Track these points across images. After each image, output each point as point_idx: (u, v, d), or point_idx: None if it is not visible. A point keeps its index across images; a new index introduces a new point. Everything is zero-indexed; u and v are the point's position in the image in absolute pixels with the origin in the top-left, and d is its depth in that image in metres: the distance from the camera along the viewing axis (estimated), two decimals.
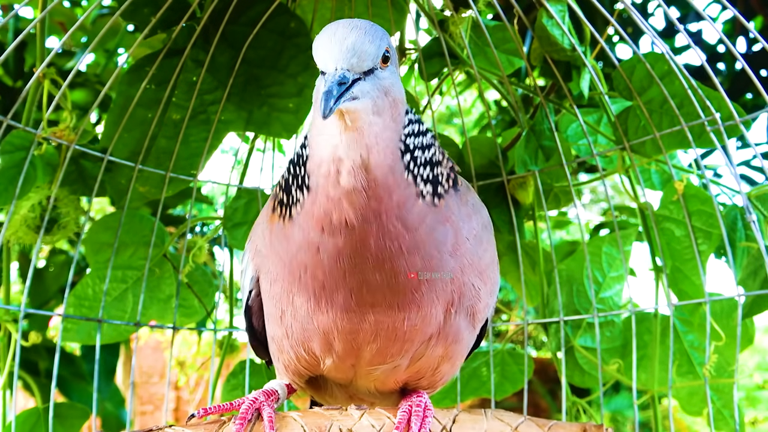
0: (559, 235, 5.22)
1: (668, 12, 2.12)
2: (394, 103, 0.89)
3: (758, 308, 1.44)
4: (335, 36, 0.84)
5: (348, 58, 0.82)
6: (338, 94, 0.79)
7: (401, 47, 1.83)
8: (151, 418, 6.77)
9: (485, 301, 1.03)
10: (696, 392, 1.58)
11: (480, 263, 1.00)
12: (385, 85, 0.87)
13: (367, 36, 0.84)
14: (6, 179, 1.38)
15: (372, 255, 0.88)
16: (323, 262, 0.89)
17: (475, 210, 1.02)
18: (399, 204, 0.87)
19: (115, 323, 1.56)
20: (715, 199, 1.40)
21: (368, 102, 0.84)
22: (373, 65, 0.85)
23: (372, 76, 0.85)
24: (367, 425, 0.97)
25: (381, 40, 0.85)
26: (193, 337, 5.42)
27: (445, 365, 1.05)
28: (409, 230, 0.88)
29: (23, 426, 1.49)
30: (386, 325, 0.95)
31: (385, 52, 0.86)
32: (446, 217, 0.93)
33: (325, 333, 0.97)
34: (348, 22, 0.86)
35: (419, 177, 0.90)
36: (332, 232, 0.87)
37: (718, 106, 1.35)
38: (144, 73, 1.52)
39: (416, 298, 0.93)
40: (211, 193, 6.29)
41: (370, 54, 0.84)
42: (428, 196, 0.90)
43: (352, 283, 0.90)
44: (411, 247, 0.89)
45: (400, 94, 0.91)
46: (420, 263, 0.90)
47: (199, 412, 0.97)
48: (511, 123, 3.14)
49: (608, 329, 1.63)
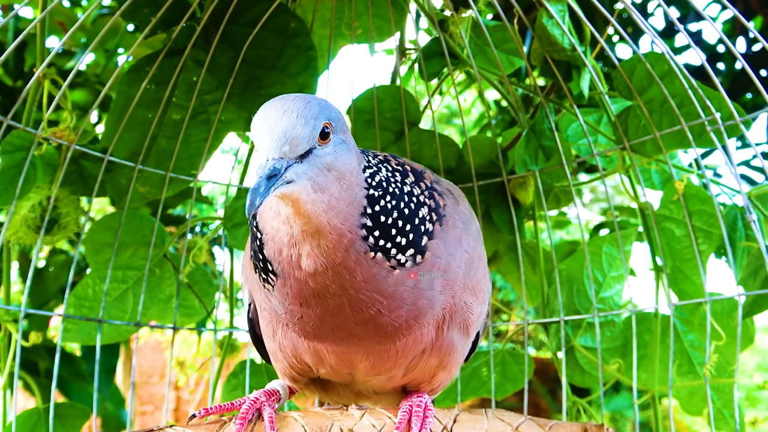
0: (558, 235, 5.22)
1: (668, 12, 2.12)
2: (341, 176, 0.85)
3: (758, 308, 1.44)
4: (267, 122, 0.81)
5: (279, 146, 0.80)
6: (266, 188, 0.77)
7: (401, 47, 1.83)
8: (151, 418, 6.77)
9: (478, 311, 1.03)
10: (696, 392, 1.58)
11: (473, 280, 1.00)
12: (326, 162, 0.84)
13: (299, 119, 0.81)
14: (6, 179, 1.38)
15: (353, 318, 0.89)
16: (307, 323, 0.92)
17: (465, 227, 1.00)
18: (366, 280, 0.86)
19: (115, 323, 1.56)
20: (716, 198, 1.40)
21: (305, 182, 0.82)
22: (308, 147, 0.82)
23: (310, 156, 0.82)
24: (368, 425, 0.97)
25: (316, 119, 0.82)
26: (193, 337, 5.42)
27: (441, 373, 1.06)
28: (386, 297, 0.88)
29: (24, 426, 1.49)
30: (378, 349, 0.96)
31: (324, 128, 0.83)
32: (432, 265, 0.92)
33: (316, 352, 0.99)
34: (282, 102, 0.83)
35: (393, 249, 0.87)
36: (309, 304, 0.89)
37: (718, 106, 1.35)
38: (144, 73, 1.52)
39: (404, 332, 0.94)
40: (211, 194, 6.29)
41: (303, 138, 0.81)
42: (408, 262, 0.89)
43: (339, 335, 0.93)
44: (391, 308, 0.89)
45: (348, 165, 0.87)
46: (405, 314, 0.91)
47: (200, 412, 0.97)
48: (511, 123, 3.13)
49: (609, 329, 1.63)
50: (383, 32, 1.77)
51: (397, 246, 0.88)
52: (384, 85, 1.71)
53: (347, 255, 0.85)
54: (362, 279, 0.86)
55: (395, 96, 1.68)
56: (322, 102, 0.86)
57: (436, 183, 1.02)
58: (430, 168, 1.67)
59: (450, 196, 1.01)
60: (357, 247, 0.85)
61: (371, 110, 1.68)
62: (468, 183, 1.66)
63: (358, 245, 0.85)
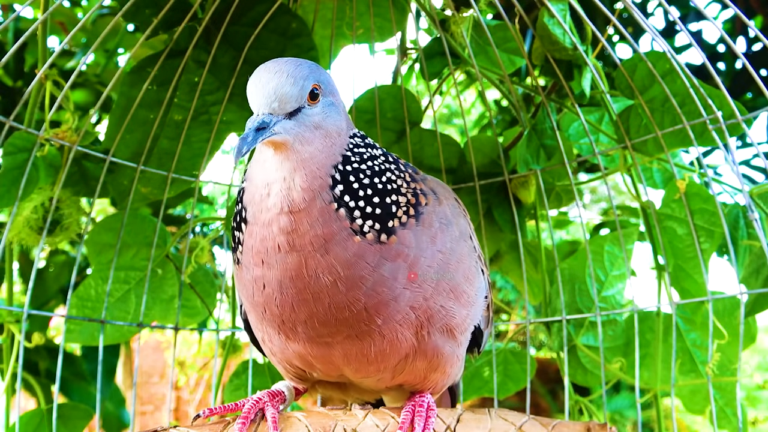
0: (559, 235, 5.22)
1: (669, 11, 2.12)
2: (326, 134, 0.91)
3: (760, 306, 1.44)
4: (260, 81, 0.88)
5: (269, 103, 0.87)
6: (254, 138, 0.83)
7: (402, 47, 1.83)
8: (151, 417, 6.77)
9: (462, 314, 1.00)
10: (698, 391, 1.58)
11: (450, 282, 0.97)
12: (314, 120, 0.90)
13: (289, 79, 0.88)
14: (8, 181, 1.38)
15: (309, 287, 0.88)
16: (271, 296, 0.91)
17: (442, 227, 0.97)
18: (326, 237, 0.87)
19: (118, 324, 1.56)
20: (717, 197, 1.40)
21: (291, 136, 0.88)
22: (297, 105, 0.88)
23: (299, 114, 0.89)
24: (371, 425, 0.98)
25: (305, 80, 0.88)
26: (193, 337, 5.42)
27: (433, 374, 1.04)
28: (343, 265, 0.87)
29: (27, 427, 1.49)
30: (354, 352, 0.95)
31: (313, 89, 0.90)
32: (398, 253, 0.90)
33: (301, 357, 0.99)
34: (274, 64, 0.90)
35: (357, 211, 0.88)
36: (269, 265, 0.89)
37: (719, 105, 1.35)
38: (146, 74, 1.52)
39: (373, 329, 0.92)
40: (212, 194, 6.29)
41: (291, 97, 0.88)
42: (371, 233, 0.88)
43: (302, 316, 0.91)
44: (349, 284, 0.88)
45: (335, 125, 0.93)
46: (364, 299, 0.89)
47: (204, 413, 0.97)
48: (511, 123, 3.14)
49: (611, 328, 1.63)
50: (384, 32, 1.77)
51: (361, 210, 0.89)
52: (385, 85, 1.71)
53: (313, 201, 0.87)
54: (322, 234, 0.87)
55: (396, 96, 1.68)
56: (313, 65, 0.92)
57: (422, 181, 1.01)
58: (432, 167, 1.69)
59: (433, 195, 1.00)
60: (323, 196, 0.88)
61: (373, 110, 1.69)
62: (470, 182, 1.66)
63: (325, 194, 0.88)
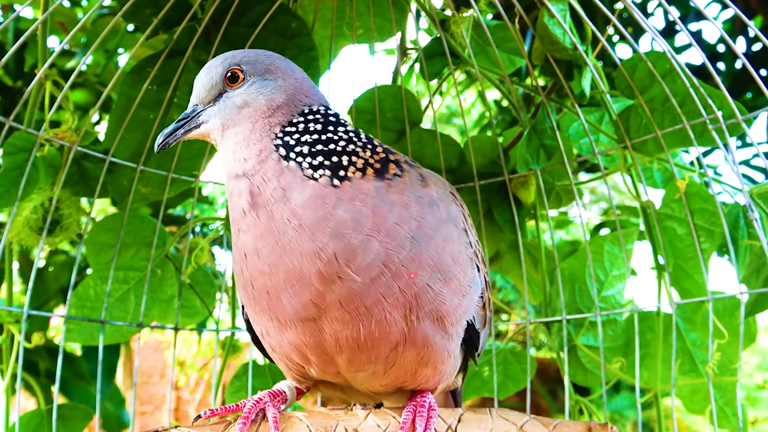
0: (559, 235, 5.22)
1: (669, 11, 2.12)
2: (256, 110, 1.00)
3: (761, 306, 1.44)
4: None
5: (195, 97, 1.05)
6: (173, 130, 1.04)
7: (402, 47, 1.83)
8: (151, 417, 6.77)
9: (453, 303, 0.98)
10: (698, 390, 1.58)
11: (433, 258, 0.94)
12: (236, 102, 1.01)
13: (205, 71, 1.03)
14: (8, 181, 1.38)
15: (280, 240, 0.91)
16: (253, 263, 0.94)
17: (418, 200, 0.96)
18: (284, 186, 0.93)
19: (117, 324, 1.56)
20: (717, 197, 1.40)
21: (215, 122, 1.01)
22: (216, 92, 1.03)
23: (220, 100, 1.02)
24: (373, 425, 0.97)
25: (218, 67, 1.02)
26: (193, 337, 5.42)
27: (424, 370, 1.02)
28: (303, 207, 0.91)
29: (26, 427, 1.49)
30: (345, 335, 0.94)
31: (232, 73, 1.01)
32: (353, 196, 0.91)
33: (297, 348, 0.99)
34: (207, 64, 1.05)
35: (305, 162, 0.94)
36: (243, 230, 0.95)
37: (719, 105, 1.35)
38: (145, 74, 1.52)
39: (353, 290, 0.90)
40: (212, 194, 6.29)
41: (204, 86, 1.03)
42: (323, 178, 0.92)
43: (280, 275, 0.92)
44: (313, 226, 0.90)
45: (266, 100, 1.00)
46: (331, 244, 0.89)
47: (205, 413, 0.97)
48: (511, 123, 3.14)
49: (611, 328, 1.63)
50: (384, 32, 1.77)
51: (309, 162, 0.94)
52: (385, 85, 1.71)
53: (263, 162, 0.95)
54: (279, 185, 0.93)
55: (396, 96, 1.68)
56: (239, 52, 1.04)
57: (407, 162, 1.02)
58: (432, 167, 1.68)
59: (417, 176, 1.00)
60: (272, 156, 0.95)
61: (372, 110, 1.69)
62: (470, 182, 1.66)
63: (273, 155, 0.95)
